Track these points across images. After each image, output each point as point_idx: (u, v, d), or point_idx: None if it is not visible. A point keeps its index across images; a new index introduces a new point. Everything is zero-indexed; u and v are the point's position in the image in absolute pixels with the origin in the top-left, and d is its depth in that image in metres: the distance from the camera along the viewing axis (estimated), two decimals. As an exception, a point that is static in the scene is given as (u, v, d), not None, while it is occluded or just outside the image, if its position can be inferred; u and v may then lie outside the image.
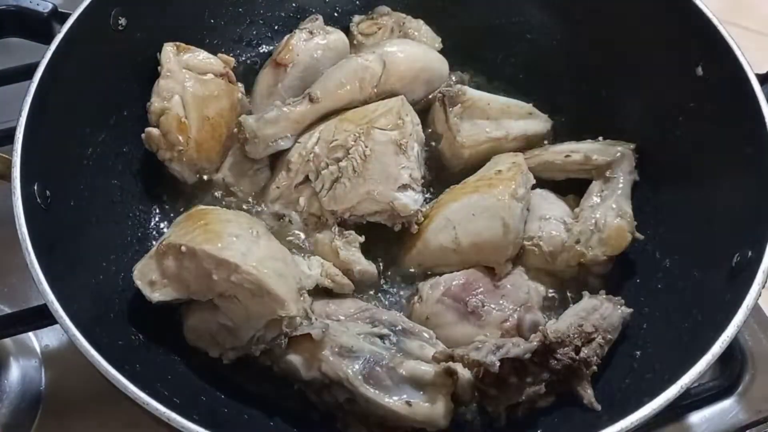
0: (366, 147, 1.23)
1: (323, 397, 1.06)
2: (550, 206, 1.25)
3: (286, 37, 1.37)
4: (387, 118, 1.25)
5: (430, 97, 1.37)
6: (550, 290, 1.21)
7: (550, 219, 1.22)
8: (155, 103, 1.22)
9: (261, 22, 1.46)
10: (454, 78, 1.44)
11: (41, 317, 1.04)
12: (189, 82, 1.25)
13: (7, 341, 1.21)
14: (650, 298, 1.15)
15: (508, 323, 1.12)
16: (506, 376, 1.01)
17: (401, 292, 1.22)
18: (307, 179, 1.26)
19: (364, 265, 1.20)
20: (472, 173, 1.29)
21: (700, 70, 1.17)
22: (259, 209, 1.28)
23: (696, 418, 1.18)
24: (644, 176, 1.26)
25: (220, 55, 1.32)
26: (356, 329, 1.09)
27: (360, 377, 1.01)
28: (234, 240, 1.05)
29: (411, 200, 1.21)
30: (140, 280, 1.05)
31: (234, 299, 1.03)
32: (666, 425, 1.17)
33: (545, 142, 1.39)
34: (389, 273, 1.25)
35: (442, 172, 1.35)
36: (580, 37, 1.38)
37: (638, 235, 1.18)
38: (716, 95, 1.14)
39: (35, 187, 1.00)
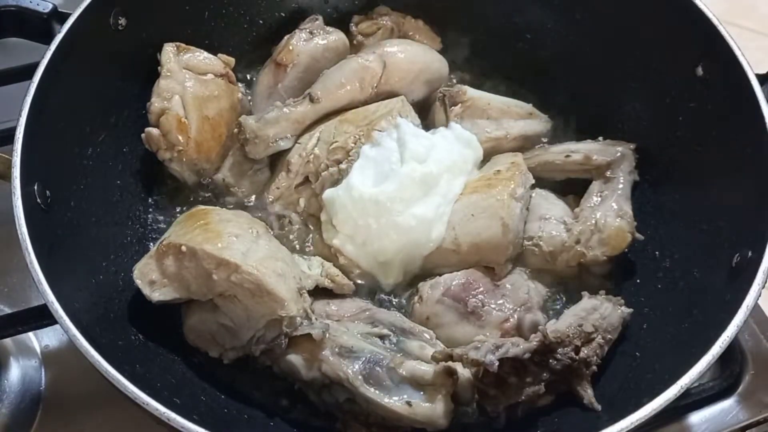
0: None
1: (323, 397, 1.06)
2: (550, 206, 1.25)
3: (286, 38, 1.37)
4: (387, 120, 1.26)
5: (430, 97, 1.38)
6: (550, 290, 1.21)
7: (550, 219, 1.22)
8: (155, 103, 1.22)
9: (261, 22, 1.46)
10: (454, 78, 1.45)
11: (41, 317, 1.04)
12: (189, 82, 1.25)
13: (7, 341, 1.21)
14: (650, 298, 1.15)
15: (508, 323, 1.12)
16: (506, 375, 1.01)
17: (401, 293, 1.22)
18: (307, 180, 1.26)
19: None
20: (472, 173, 1.29)
21: (700, 70, 1.17)
22: (259, 209, 1.28)
23: (696, 418, 1.18)
24: (644, 176, 1.27)
25: (220, 55, 1.32)
26: (356, 329, 1.09)
27: (360, 377, 1.01)
28: (234, 240, 1.05)
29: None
30: (140, 280, 1.05)
31: (234, 299, 1.03)
32: (666, 425, 1.17)
33: (545, 142, 1.39)
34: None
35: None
36: (580, 37, 1.38)
37: (638, 235, 1.18)
38: (716, 95, 1.15)
39: (35, 187, 1.00)
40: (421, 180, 1.18)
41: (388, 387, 1.02)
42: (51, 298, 0.91)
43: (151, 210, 1.30)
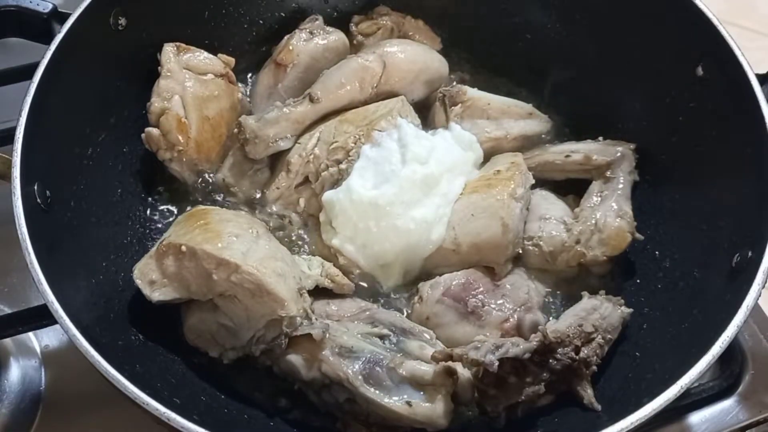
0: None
1: (323, 397, 1.06)
2: (550, 206, 1.25)
3: (286, 38, 1.37)
4: (387, 120, 1.26)
5: (430, 97, 1.38)
6: (550, 290, 1.21)
7: (550, 219, 1.22)
8: (155, 103, 1.22)
9: (261, 22, 1.46)
10: (454, 78, 1.45)
11: (41, 317, 1.04)
12: (189, 82, 1.25)
13: (7, 341, 1.21)
14: (650, 298, 1.15)
15: (508, 323, 1.12)
16: (506, 375, 1.01)
17: (401, 293, 1.22)
18: (307, 180, 1.26)
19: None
20: (472, 173, 1.29)
21: (700, 70, 1.17)
22: (259, 209, 1.28)
23: (696, 418, 1.18)
24: (644, 176, 1.27)
25: (220, 55, 1.32)
26: (356, 329, 1.09)
27: (360, 377, 1.01)
28: (234, 240, 1.05)
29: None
30: (140, 280, 1.05)
31: (234, 299, 1.03)
32: (666, 425, 1.17)
33: (545, 142, 1.39)
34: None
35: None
36: (580, 37, 1.38)
37: (638, 236, 1.18)
38: (716, 95, 1.15)
39: (35, 187, 1.00)
40: (422, 181, 1.19)
41: (388, 387, 1.02)
42: (51, 298, 0.90)
43: (151, 210, 1.30)
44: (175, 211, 1.29)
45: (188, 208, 1.23)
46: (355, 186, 1.18)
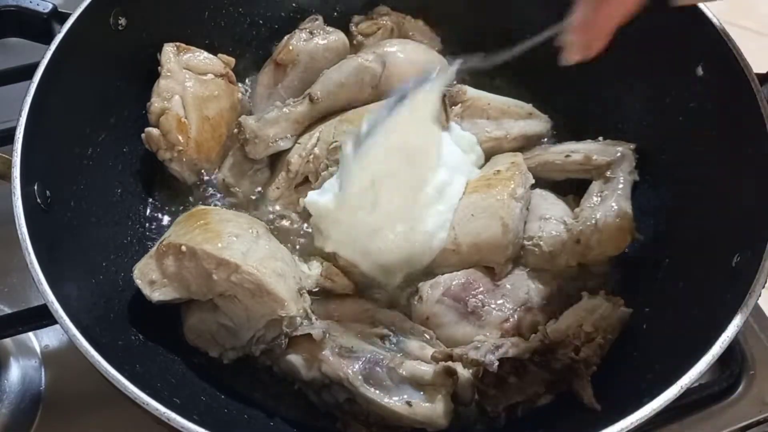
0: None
1: (323, 397, 1.06)
2: (550, 206, 1.25)
3: (286, 38, 1.37)
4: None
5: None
6: (550, 290, 1.21)
7: (550, 219, 1.22)
8: (155, 103, 1.22)
9: (261, 22, 1.46)
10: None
11: (41, 317, 1.04)
12: (189, 82, 1.25)
13: (7, 341, 1.21)
14: (650, 298, 1.15)
15: (508, 323, 1.12)
16: (506, 375, 1.01)
17: (401, 292, 1.22)
18: (306, 180, 1.26)
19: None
20: (472, 173, 1.28)
21: (700, 70, 1.17)
22: (259, 209, 1.28)
23: (696, 418, 1.18)
24: (644, 176, 1.26)
25: (220, 55, 1.32)
26: (356, 329, 1.09)
27: (360, 377, 1.01)
28: (234, 240, 1.05)
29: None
30: (140, 280, 1.05)
31: (234, 299, 1.03)
32: (666, 425, 1.16)
33: (545, 142, 1.39)
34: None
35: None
36: (580, 37, 1.37)
37: (638, 236, 1.18)
38: (716, 95, 1.14)
39: (35, 187, 1.00)
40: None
41: (388, 387, 1.02)
42: (51, 298, 0.90)
43: (151, 210, 1.30)
44: (175, 211, 1.29)
45: (188, 208, 1.23)
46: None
